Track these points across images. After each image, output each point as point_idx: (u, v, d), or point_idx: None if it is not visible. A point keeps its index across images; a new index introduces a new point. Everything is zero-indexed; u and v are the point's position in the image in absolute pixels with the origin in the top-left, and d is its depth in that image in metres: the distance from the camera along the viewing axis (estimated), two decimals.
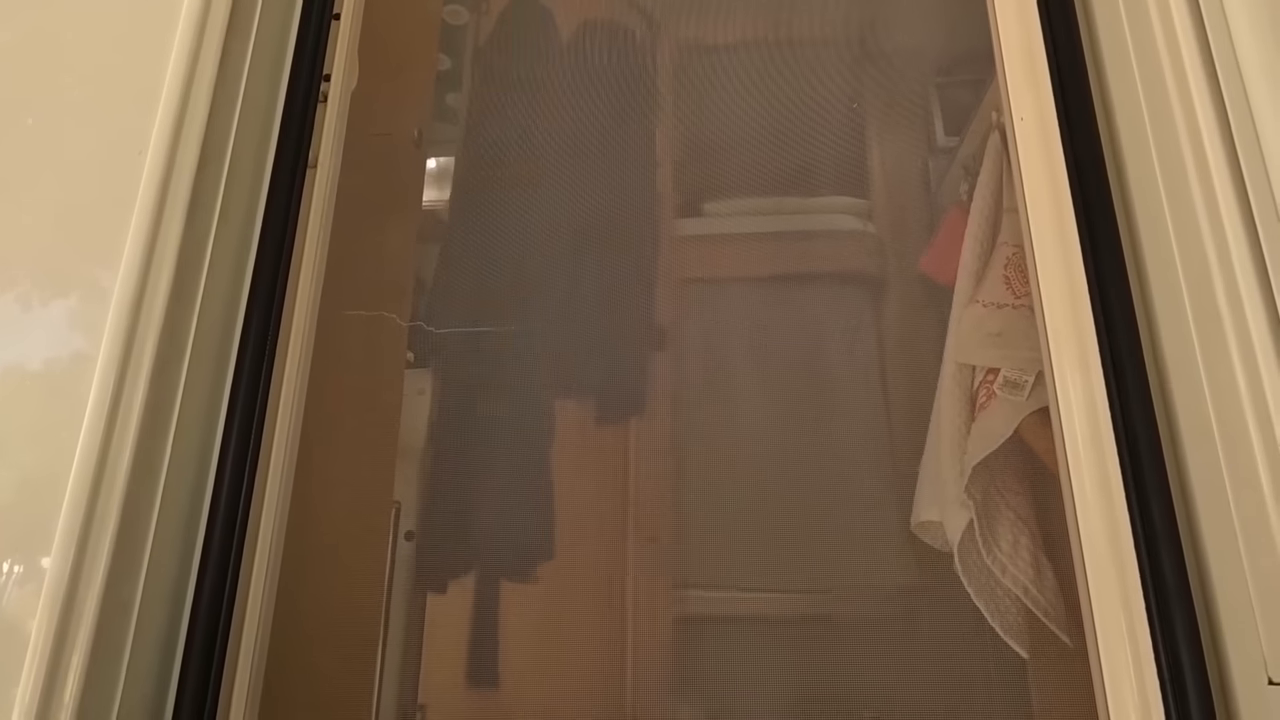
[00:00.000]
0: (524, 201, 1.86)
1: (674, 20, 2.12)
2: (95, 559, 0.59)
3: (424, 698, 1.59)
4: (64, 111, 0.73)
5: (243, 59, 0.76)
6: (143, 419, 0.64)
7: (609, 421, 1.80)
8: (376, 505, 1.34)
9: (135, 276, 0.65)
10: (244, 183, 0.76)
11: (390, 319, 1.27)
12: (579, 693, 1.62)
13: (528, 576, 1.66)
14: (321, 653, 1.46)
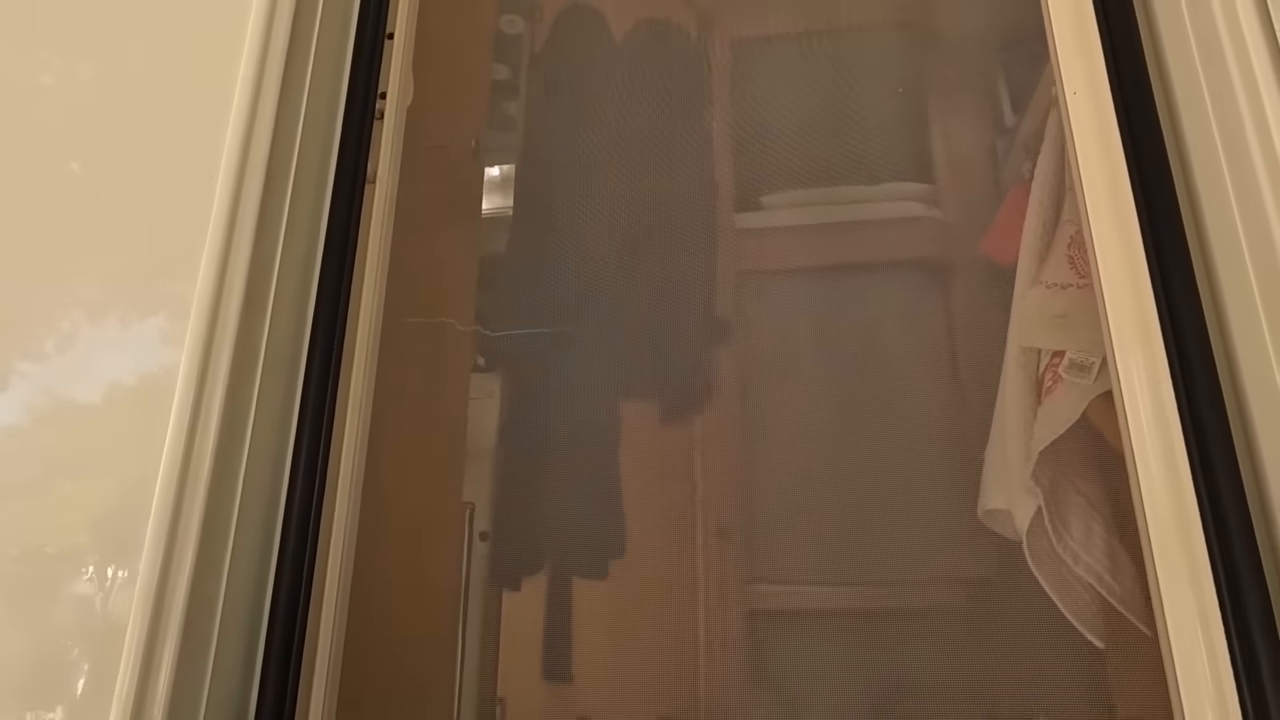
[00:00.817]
0: (583, 203, 1.89)
1: (727, 13, 2.12)
2: (181, 561, 0.63)
3: (502, 691, 1.63)
4: (141, 141, 0.78)
5: (302, 82, 0.80)
6: (220, 427, 0.68)
7: (675, 417, 1.81)
8: (450, 507, 1.38)
9: (211, 292, 0.69)
10: (307, 199, 0.80)
11: (452, 325, 1.31)
12: (651, 686, 1.63)
13: (599, 573, 1.68)
14: (404, 649, 1.52)
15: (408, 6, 0.96)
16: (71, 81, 0.86)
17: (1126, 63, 0.70)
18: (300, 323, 0.77)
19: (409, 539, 1.50)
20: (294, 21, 0.78)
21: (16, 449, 0.73)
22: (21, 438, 0.73)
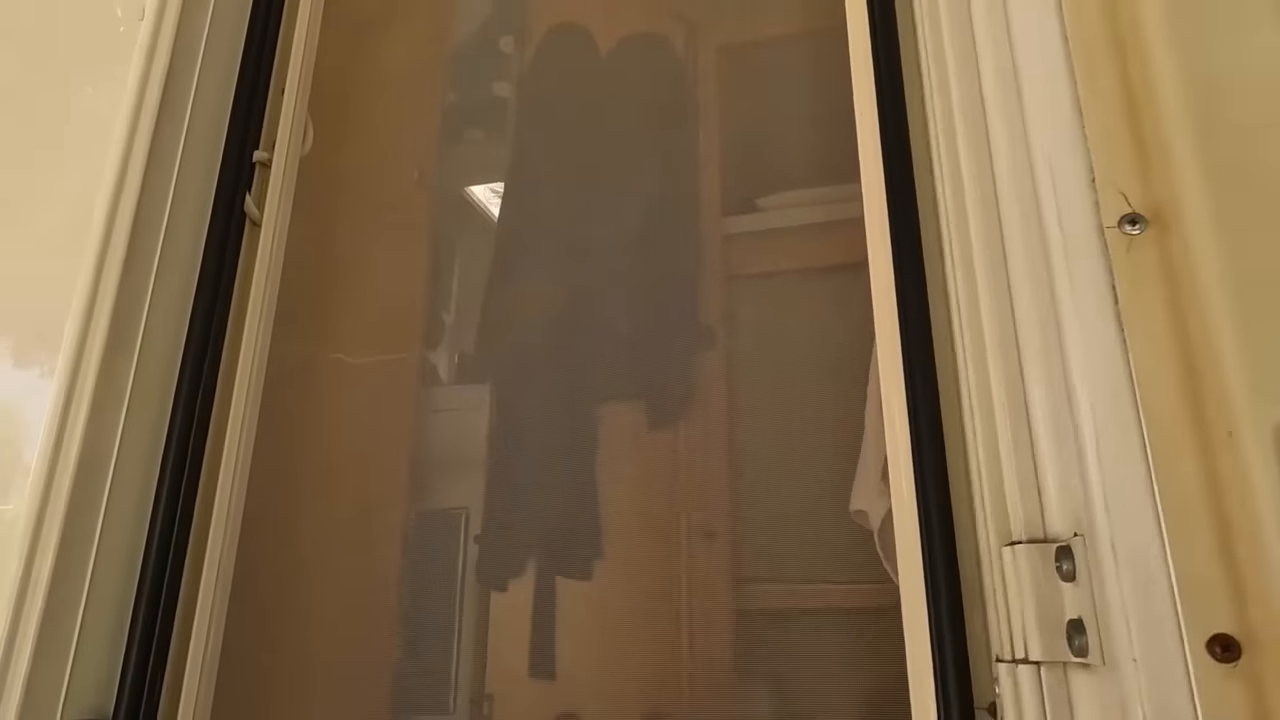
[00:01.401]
0: (567, 216, 1.96)
1: (715, 21, 2.14)
2: (37, 587, 0.74)
3: (490, 687, 1.71)
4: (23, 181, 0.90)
5: (178, 135, 0.90)
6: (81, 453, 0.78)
7: (662, 420, 1.85)
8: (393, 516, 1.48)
9: (79, 325, 0.80)
10: (184, 243, 0.90)
11: (393, 359, 1.39)
12: (638, 683, 1.68)
13: (584, 574, 1.74)
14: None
15: (302, 61, 1.05)
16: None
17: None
18: (172, 359, 0.87)
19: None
20: (167, 80, 0.88)
21: None
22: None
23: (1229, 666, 0.43)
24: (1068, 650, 0.50)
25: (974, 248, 0.58)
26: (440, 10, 1.55)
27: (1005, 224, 0.56)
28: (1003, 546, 0.54)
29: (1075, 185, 0.50)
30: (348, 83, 1.17)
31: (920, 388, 0.63)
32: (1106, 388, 0.47)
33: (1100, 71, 0.52)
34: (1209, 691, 0.42)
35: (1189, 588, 0.44)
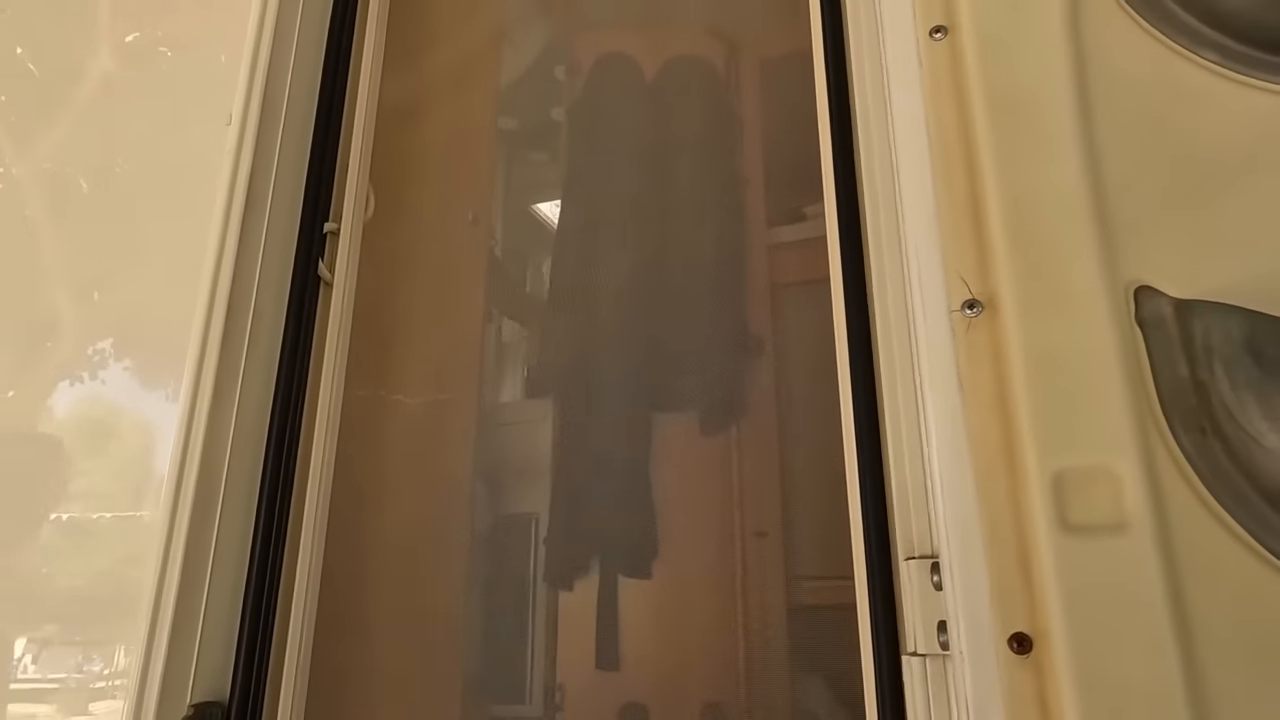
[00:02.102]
0: (619, 232, 2.14)
1: (757, 36, 2.28)
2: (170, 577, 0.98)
3: (561, 678, 1.92)
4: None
5: (263, 214, 1.13)
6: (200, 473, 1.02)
7: (714, 427, 2.02)
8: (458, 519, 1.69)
9: (194, 368, 1.04)
10: (270, 302, 1.13)
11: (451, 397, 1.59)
12: (697, 675, 1.86)
13: (644, 573, 1.93)
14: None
15: (360, 145, 1.27)
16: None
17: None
18: (265, 398, 1.10)
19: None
20: (252, 171, 1.12)
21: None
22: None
23: (1023, 658, 0.56)
24: (938, 645, 0.64)
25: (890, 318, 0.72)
26: (486, 64, 1.75)
27: (893, 301, 0.70)
28: (904, 560, 0.69)
29: (932, 272, 0.63)
30: (404, 150, 1.38)
31: (865, 434, 0.77)
32: (949, 438, 0.60)
33: (954, 178, 0.64)
34: (1008, 678, 0.56)
35: (997, 595, 0.58)
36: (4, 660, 1.63)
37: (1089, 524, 0.57)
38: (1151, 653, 0.53)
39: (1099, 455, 0.58)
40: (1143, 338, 0.60)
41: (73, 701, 1.59)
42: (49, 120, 2.06)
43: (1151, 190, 0.62)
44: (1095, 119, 0.64)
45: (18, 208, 2.14)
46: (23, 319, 1.94)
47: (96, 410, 1.95)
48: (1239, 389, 0.57)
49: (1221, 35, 0.65)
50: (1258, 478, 0.56)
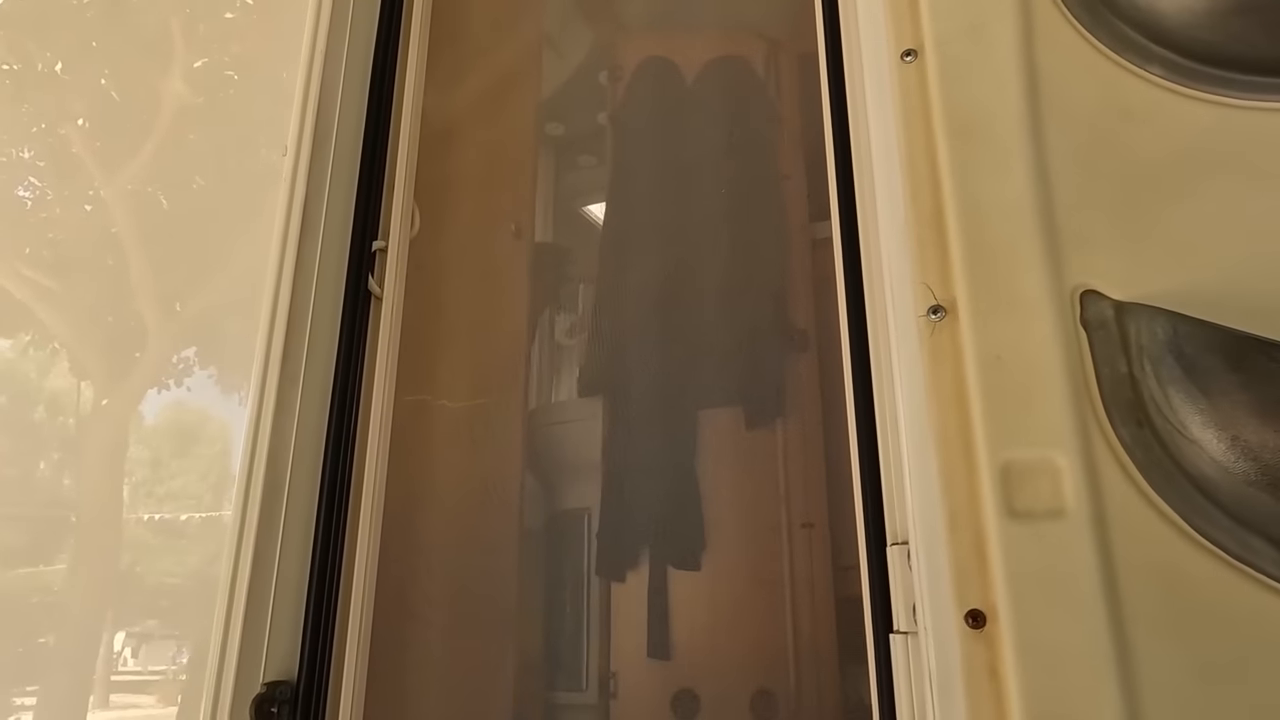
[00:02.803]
0: (663, 231, 2.22)
1: (796, 32, 2.33)
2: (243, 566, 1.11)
3: (615, 666, 2.02)
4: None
5: (316, 232, 1.25)
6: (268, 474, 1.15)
7: (759, 421, 2.09)
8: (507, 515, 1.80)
9: (259, 375, 1.16)
10: (326, 315, 1.25)
11: (486, 403, 1.70)
12: (746, 663, 1.94)
13: (693, 565, 2.02)
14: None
15: (404, 167, 1.38)
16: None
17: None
18: (323, 406, 1.23)
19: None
20: (307, 196, 1.24)
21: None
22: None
23: (978, 632, 0.62)
24: (914, 623, 0.70)
25: (876, 321, 0.80)
26: (525, 78, 1.85)
27: (874, 302, 0.76)
28: (889, 545, 0.76)
29: (902, 279, 0.69)
30: (447, 167, 1.49)
31: (864, 430, 0.84)
32: (916, 434, 0.66)
33: (921, 192, 0.70)
34: (964, 651, 0.62)
35: (955, 576, 0.64)
36: (106, 653, 1.79)
37: (1032, 510, 0.63)
38: (1084, 624, 0.59)
39: (1041, 448, 0.64)
40: (1087, 338, 0.65)
41: (170, 692, 1.74)
42: (131, 144, 2.23)
43: (1099, 200, 0.67)
44: (1046, 136, 0.69)
45: (105, 227, 2.32)
46: (114, 331, 2.11)
47: (182, 416, 2.10)
48: (1165, 385, 0.62)
49: (1167, 50, 0.69)
50: (1185, 465, 0.61)
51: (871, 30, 0.80)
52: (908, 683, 0.69)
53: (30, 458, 1.90)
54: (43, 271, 2.23)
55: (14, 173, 2.40)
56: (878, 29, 0.79)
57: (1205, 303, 0.62)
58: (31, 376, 1.93)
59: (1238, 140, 0.67)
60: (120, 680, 1.58)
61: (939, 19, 0.74)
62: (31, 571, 1.72)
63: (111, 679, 1.56)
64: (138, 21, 2.28)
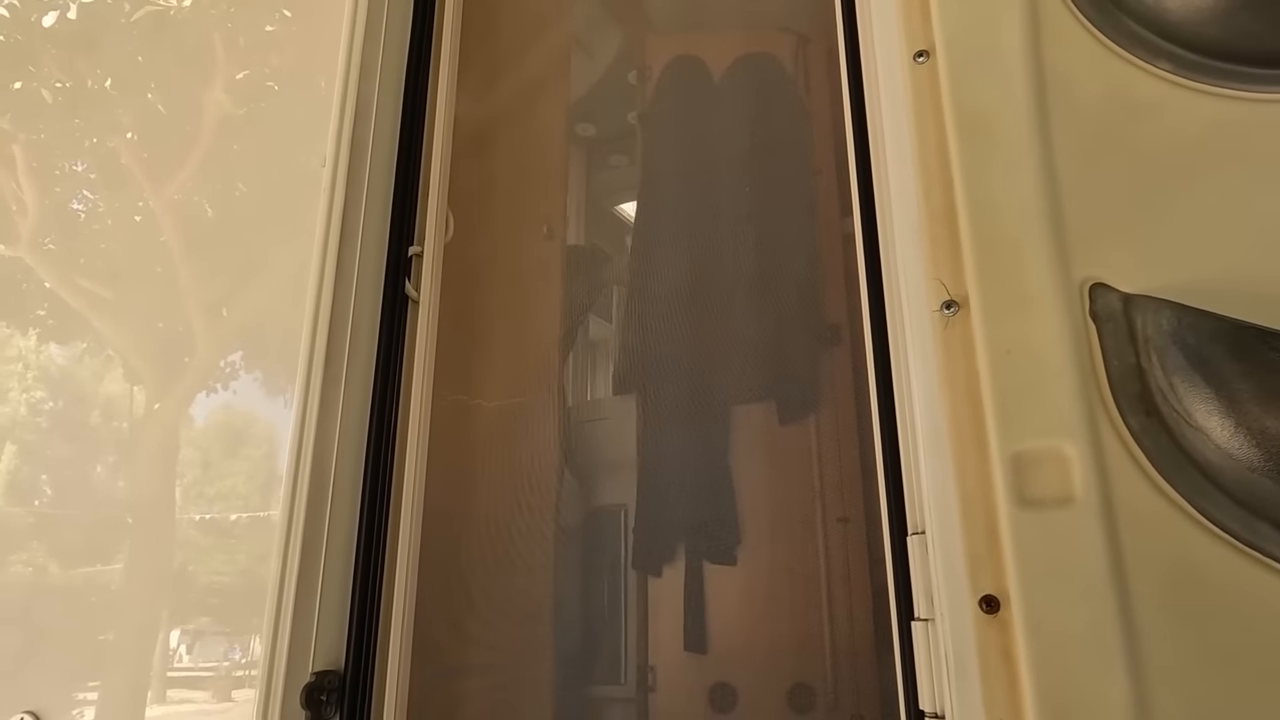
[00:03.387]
0: (693, 229, 2.24)
1: (824, 28, 2.34)
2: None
3: (653, 660, 2.06)
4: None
5: (355, 238, 1.30)
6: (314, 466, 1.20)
7: (792, 416, 2.11)
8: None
9: (304, 374, 1.22)
10: (366, 317, 1.31)
11: (525, 400, 1.74)
12: (783, 657, 1.96)
13: (729, 559, 2.04)
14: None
15: (438, 175, 1.43)
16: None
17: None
18: (364, 406, 1.28)
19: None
20: (346, 205, 1.29)
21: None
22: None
23: (992, 617, 0.64)
24: (932, 610, 0.72)
25: (885, 323, 0.82)
26: (555, 80, 1.89)
27: (893, 298, 0.78)
28: (909, 535, 0.78)
29: (916, 275, 0.71)
30: (479, 171, 1.54)
31: (885, 422, 0.86)
32: (930, 427, 0.68)
33: (934, 190, 0.72)
34: (978, 636, 0.64)
35: (970, 562, 0.66)
36: (163, 650, 1.87)
37: (1041, 499, 0.65)
38: (1092, 608, 0.61)
39: (1050, 438, 0.65)
40: (1096, 330, 0.67)
41: (223, 687, 1.83)
42: (177, 155, 2.31)
43: (1107, 195, 0.69)
44: (1054, 133, 0.71)
45: (154, 236, 2.41)
46: (164, 337, 2.19)
47: (230, 418, 2.19)
48: (1170, 374, 0.63)
49: (1174, 46, 0.70)
50: (1192, 453, 0.63)
51: (885, 32, 0.82)
52: (929, 669, 0.72)
53: (87, 461, 2.00)
54: (97, 281, 2.32)
55: (68, 186, 2.50)
56: (891, 31, 0.81)
57: (1214, 294, 0.64)
58: (87, 382, 2.03)
59: (1245, 133, 0.68)
60: (176, 676, 1.66)
61: (948, 21, 0.76)
62: (91, 571, 1.81)
63: (168, 675, 1.64)
64: (181, 36, 2.36)
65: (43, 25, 2.75)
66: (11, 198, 2.67)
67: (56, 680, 1.87)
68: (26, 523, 2.21)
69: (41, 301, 2.52)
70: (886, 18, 0.82)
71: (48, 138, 2.74)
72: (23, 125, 2.76)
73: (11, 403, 2.43)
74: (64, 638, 1.92)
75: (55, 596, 2.04)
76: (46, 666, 1.88)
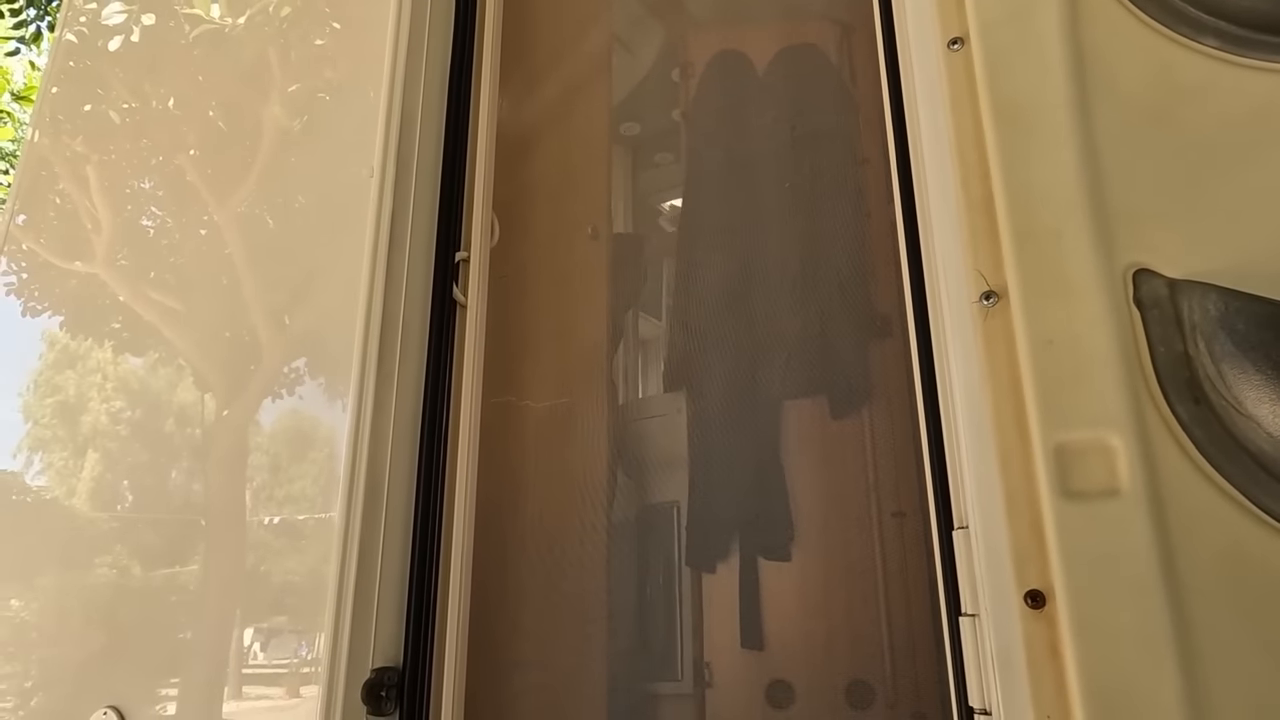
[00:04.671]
0: (739, 222, 2.23)
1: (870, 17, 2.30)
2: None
3: (708, 656, 2.06)
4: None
5: (403, 244, 1.33)
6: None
7: (844, 410, 2.09)
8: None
9: (358, 375, 1.25)
10: (415, 322, 1.34)
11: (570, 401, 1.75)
12: (841, 653, 1.95)
13: (783, 555, 2.03)
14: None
15: (482, 183, 1.45)
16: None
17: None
18: (415, 408, 1.31)
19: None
20: (394, 214, 1.32)
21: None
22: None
23: (1038, 612, 0.63)
24: (978, 605, 0.71)
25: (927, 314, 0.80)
26: (597, 82, 1.90)
27: (934, 289, 0.77)
28: (955, 530, 0.77)
29: (956, 267, 0.70)
30: (523, 176, 1.56)
31: (930, 417, 0.85)
32: (973, 419, 0.67)
33: (971, 180, 0.70)
34: (1025, 631, 0.62)
35: (1014, 557, 0.64)
36: (238, 647, 1.93)
37: (1086, 490, 0.63)
38: (1141, 602, 0.59)
39: (1094, 429, 0.64)
40: (1140, 317, 0.65)
41: (295, 684, 1.87)
42: (238, 169, 2.39)
43: (1152, 177, 0.67)
44: (1096, 117, 0.69)
45: (219, 248, 2.49)
46: (231, 346, 2.26)
47: (297, 422, 2.25)
48: (1218, 361, 0.61)
49: (1220, 21, 0.67)
50: (1243, 441, 0.60)
51: (920, 19, 0.81)
52: (976, 665, 0.71)
53: (164, 467, 2.09)
54: (167, 294, 2.41)
55: (138, 204, 2.60)
56: (926, 17, 0.80)
57: (1265, 277, 0.61)
58: (162, 391, 2.12)
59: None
60: (251, 673, 1.73)
61: (983, 6, 0.74)
62: (169, 572, 1.90)
63: (243, 671, 1.71)
64: (238, 54, 2.44)
65: (109, 50, 2.87)
66: (87, 216, 2.79)
67: (138, 676, 1.94)
68: (111, 527, 2.30)
69: (116, 315, 2.62)
70: (921, 4, 0.81)
71: (117, 158, 2.85)
72: (95, 146, 2.88)
73: (93, 412, 2.53)
74: (146, 636, 2.00)
75: (137, 597, 2.12)
76: (129, 663, 1.96)
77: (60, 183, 2.92)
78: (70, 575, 2.13)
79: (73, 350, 2.73)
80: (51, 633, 2.13)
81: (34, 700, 2.16)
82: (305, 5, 2.45)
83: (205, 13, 2.72)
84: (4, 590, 2.33)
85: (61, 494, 2.50)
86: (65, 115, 2.84)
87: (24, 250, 3.02)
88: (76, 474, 2.47)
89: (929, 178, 0.78)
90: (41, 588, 2.25)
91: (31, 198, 2.92)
